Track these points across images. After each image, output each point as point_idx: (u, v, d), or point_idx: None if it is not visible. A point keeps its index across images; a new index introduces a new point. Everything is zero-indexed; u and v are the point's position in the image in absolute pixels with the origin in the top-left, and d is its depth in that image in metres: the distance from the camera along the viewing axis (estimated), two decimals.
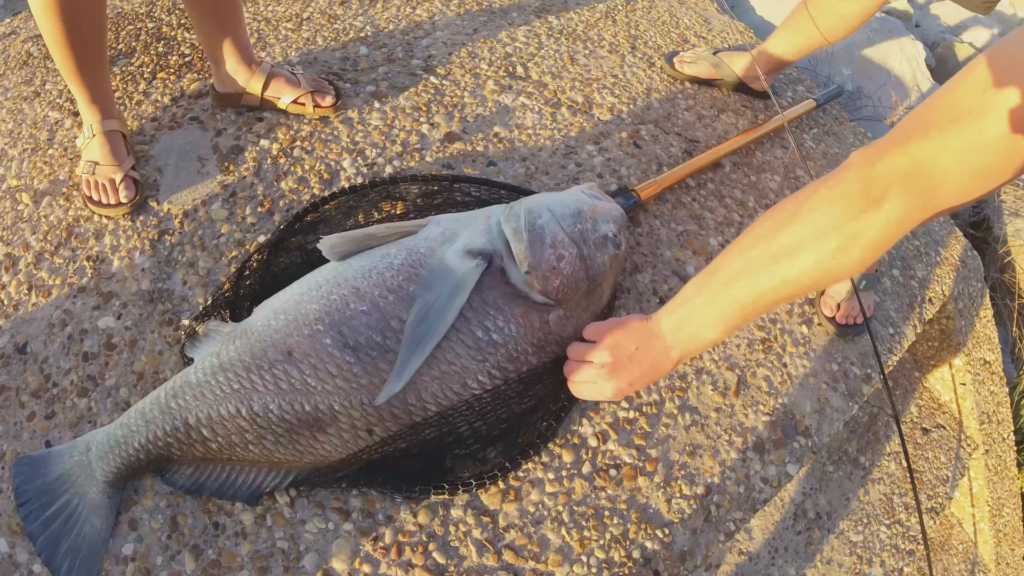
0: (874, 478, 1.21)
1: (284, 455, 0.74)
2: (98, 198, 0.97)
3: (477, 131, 1.11)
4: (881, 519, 1.18)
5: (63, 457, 0.81)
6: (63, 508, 0.80)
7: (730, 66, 1.27)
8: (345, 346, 0.72)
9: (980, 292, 1.38)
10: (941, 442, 1.30)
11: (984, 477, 1.35)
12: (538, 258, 0.77)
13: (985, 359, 1.36)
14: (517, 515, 0.79)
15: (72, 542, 0.78)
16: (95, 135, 0.97)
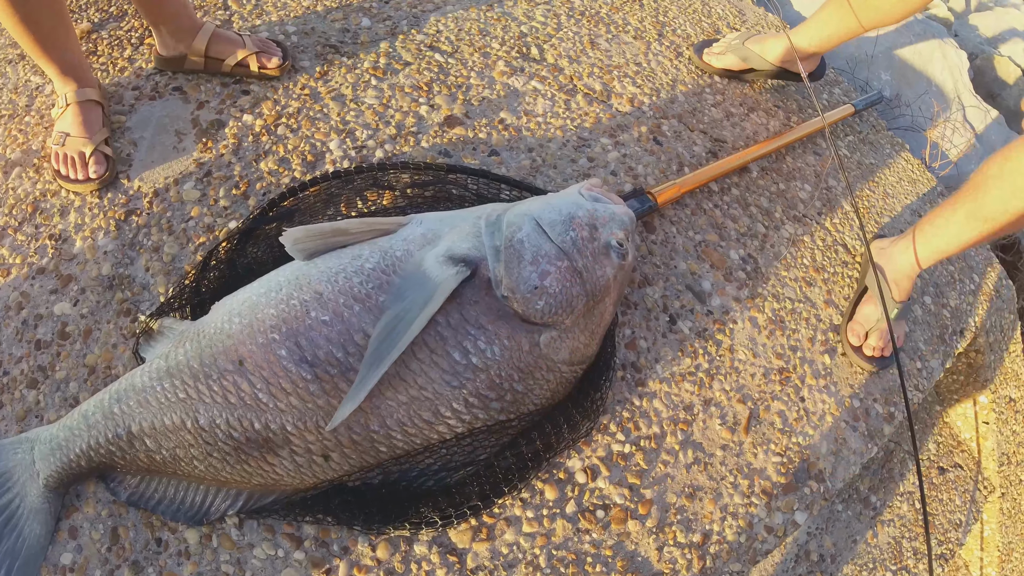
0: (884, 519, 1.06)
1: (232, 475, 0.62)
2: (66, 172, 0.84)
3: (481, 116, 0.95)
4: (888, 564, 1.04)
5: (7, 452, 0.70)
6: (4, 508, 0.68)
7: (761, 54, 1.06)
8: (302, 360, 0.59)
9: (1012, 325, 1.19)
10: (957, 483, 1.14)
11: (997, 521, 1.19)
12: (515, 279, 0.62)
13: (1011, 396, 1.18)
14: (488, 556, 0.66)
15: (11, 545, 0.67)
16: (69, 104, 0.84)
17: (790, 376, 0.87)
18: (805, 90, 1.16)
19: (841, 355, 0.91)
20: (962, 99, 1.35)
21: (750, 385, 0.84)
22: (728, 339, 0.86)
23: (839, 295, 0.97)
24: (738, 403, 0.82)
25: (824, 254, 1.01)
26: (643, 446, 0.75)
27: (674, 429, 0.78)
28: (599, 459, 0.73)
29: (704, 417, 0.80)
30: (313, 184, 0.80)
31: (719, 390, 0.82)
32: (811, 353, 0.90)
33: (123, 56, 1.00)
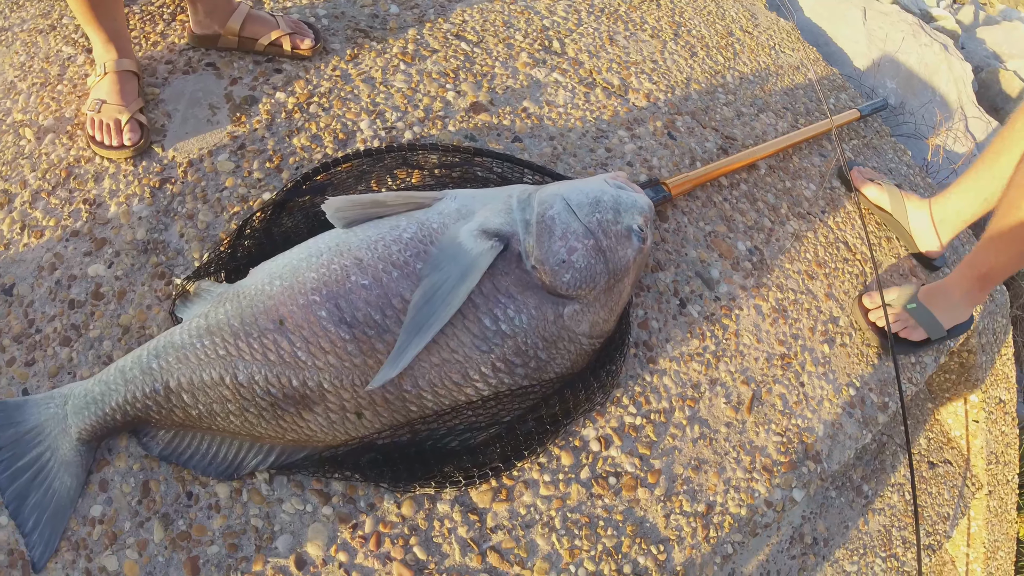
0: (875, 508, 1.12)
1: (266, 430, 0.66)
2: (100, 138, 0.87)
3: (505, 104, 1.00)
4: (877, 551, 1.09)
5: (39, 407, 0.73)
6: (34, 461, 0.72)
7: (907, 210, 1.04)
8: (341, 321, 0.63)
9: (1004, 329, 1.26)
10: (946, 478, 1.21)
11: (984, 518, 1.25)
12: (545, 252, 0.67)
13: (1000, 398, 1.25)
14: (507, 516, 0.71)
15: (40, 497, 0.71)
16: (107, 73, 0.88)
17: (791, 362, 0.92)
18: (814, 93, 1.22)
19: (840, 346, 0.97)
20: (965, 110, 1.42)
21: (753, 368, 0.89)
22: (734, 324, 0.92)
23: (839, 289, 1.03)
24: (742, 384, 0.87)
25: (826, 250, 1.07)
26: (653, 419, 0.80)
27: (682, 405, 0.83)
28: (612, 429, 0.78)
29: (710, 395, 0.85)
30: (345, 160, 0.84)
31: (724, 371, 0.87)
32: (811, 342, 0.96)
33: (155, 31, 1.03)
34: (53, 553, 0.69)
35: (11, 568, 0.69)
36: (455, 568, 0.68)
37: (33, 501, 0.71)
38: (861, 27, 1.49)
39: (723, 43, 1.26)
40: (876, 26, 1.49)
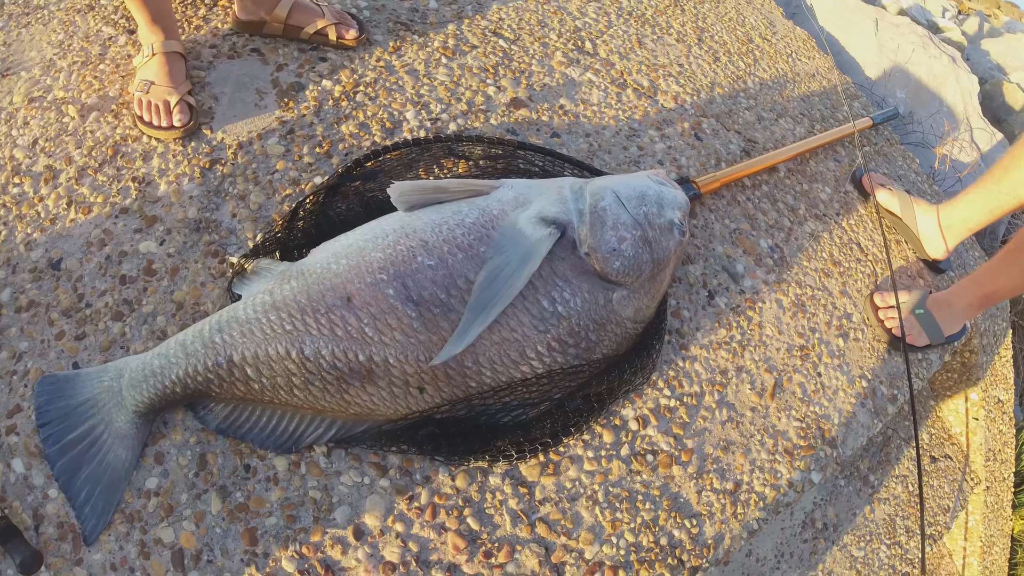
0: (881, 498, 1.20)
1: (329, 404, 0.70)
2: (149, 119, 0.90)
3: (543, 100, 1.06)
4: (882, 538, 1.18)
5: (92, 381, 0.76)
6: (87, 434, 0.75)
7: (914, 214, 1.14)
8: (408, 299, 0.68)
9: (1004, 331, 1.37)
10: (947, 472, 1.30)
11: (981, 513, 1.35)
12: (598, 240, 0.73)
13: (999, 398, 1.35)
14: (554, 489, 0.76)
15: (93, 470, 0.74)
16: (154, 54, 0.91)
17: (809, 353, 1.00)
18: (829, 101, 1.31)
19: (853, 340, 1.05)
20: (971, 121, 1.54)
21: (775, 358, 0.97)
22: (757, 316, 0.99)
23: (852, 287, 1.12)
24: (765, 372, 0.95)
25: (840, 250, 1.15)
26: (685, 402, 0.87)
27: (711, 389, 0.90)
28: (649, 410, 0.84)
29: (736, 382, 0.92)
30: (395, 148, 0.89)
31: (749, 359, 0.95)
32: (827, 335, 1.04)
33: (197, 15, 1.07)
34: (106, 526, 0.72)
35: (61, 541, 0.72)
36: (506, 538, 0.73)
37: (85, 474, 0.74)
38: (873, 37, 1.60)
39: (744, 49, 1.35)
40: (887, 37, 1.60)
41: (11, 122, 0.98)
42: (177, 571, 0.70)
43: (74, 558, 0.71)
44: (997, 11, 3.66)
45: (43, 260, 0.86)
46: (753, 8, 1.47)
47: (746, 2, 1.48)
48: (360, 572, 0.70)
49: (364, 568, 0.70)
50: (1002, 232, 1.55)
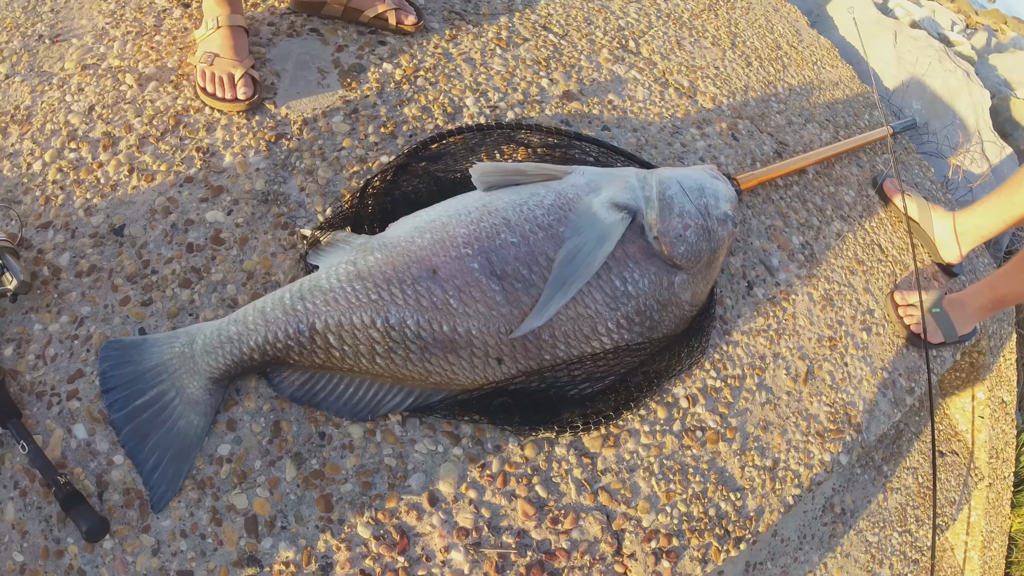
0: (893, 487, 1.32)
1: (410, 372, 0.76)
2: (213, 90, 0.95)
3: (593, 95, 1.14)
4: (895, 525, 1.29)
5: (161, 347, 0.80)
6: (156, 399, 0.79)
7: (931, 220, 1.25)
8: (492, 273, 0.75)
9: (1009, 335, 1.51)
10: (953, 467, 1.43)
11: (983, 509, 1.48)
12: (666, 225, 0.82)
13: (1003, 399, 1.49)
14: (614, 460, 0.84)
15: (162, 436, 0.77)
16: (219, 27, 0.96)
17: (837, 344, 1.10)
18: (852, 108, 1.44)
19: (875, 334, 1.16)
20: (982, 134, 1.69)
21: (807, 346, 1.07)
22: (791, 307, 1.09)
23: (874, 285, 1.23)
24: (799, 360, 1.04)
25: (864, 250, 1.27)
26: (729, 383, 0.96)
27: (752, 373, 0.99)
28: (697, 389, 0.93)
29: (774, 367, 1.01)
30: (459, 132, 0.96)
31: (784, 347, 1.04)
32: (852, 329, 1.14)
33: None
34: (176, 492, 0.76)
35: (127, 508, 0.75)
36: (571, 505, 0.80)
37: (154, 440, 0.78)
38: (892, 49, 1.75)
39: (773, 56, 1.46)
40: (905, 50, 1.75)
41: (64, 87, 1.01)
42: (251, 537, 0.74)
43: (141, 525, 0.74)
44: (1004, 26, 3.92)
45: (104, 225, 0.89)
46: (780, 16, 1.60)
47: (773, 10, 1.61)
48: (435, 537, 0.76)
49: (439, 533, 0.76)
50: (1006, 243, 1.70)
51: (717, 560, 0.85)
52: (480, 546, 0.76)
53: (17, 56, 1.07)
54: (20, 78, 1.04)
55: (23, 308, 0.85)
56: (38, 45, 1.08)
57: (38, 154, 0.95)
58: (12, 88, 1.03)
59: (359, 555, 0.74)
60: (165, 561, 0.73)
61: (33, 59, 1.06)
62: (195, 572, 0.73)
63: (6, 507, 0.75)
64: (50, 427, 0.78)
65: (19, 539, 0.74)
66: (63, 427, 0.79)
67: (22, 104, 1.01)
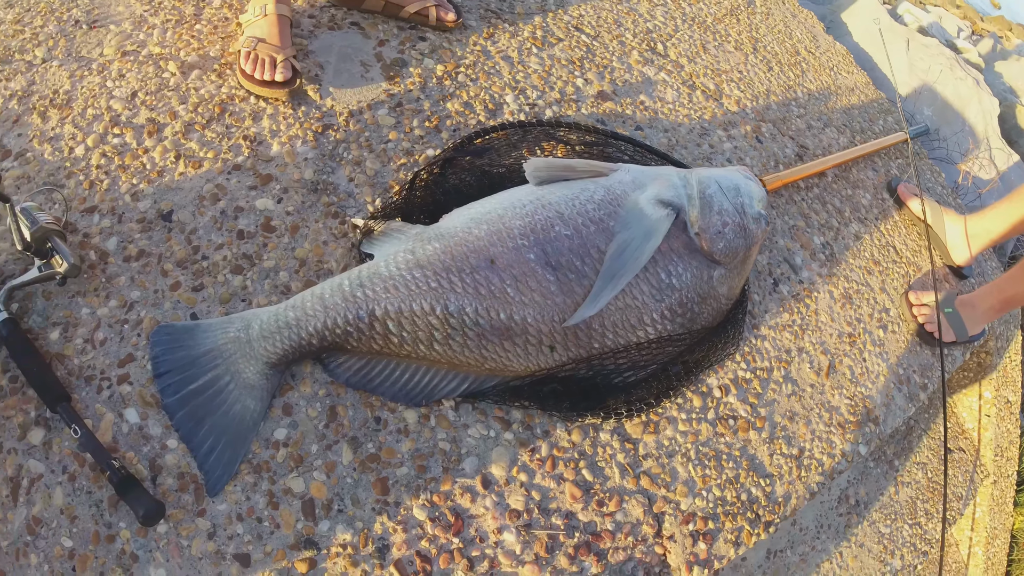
0: (904, 481, 1.42)
1: (467, 359, 0.82)
2: (252, 71, 0.99)
3: (625, 95, 1.22)
4: (905, 518, 1.39)
5: (215, 331, 0.85)
6: (210, 384, 0.83)
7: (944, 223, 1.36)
8: (547, 264, 0.81)
9: (1015, 336, 1.63)
10: (959, 463, 1.54)
11: (987, 505, 1.60)
12: (707, 222, 0.90)
13: (1008, 398, 1.61)
14: (654, 446, 0.91)
15: (217, 420, 0.82)
16: (267, 14, 1.01)
17: (856, 340, 1.20)
18: (867, 114, 1.55)
19: (891, 332, 1.26)
20: (990, 141, 1.82)
21: (829, 342, 1.16)
22: (814, 304, 1.18)
23: (890, 285, 1.33)
24: (821, 354, 1.14)
25: (880, 251, 1.37)
26: (758, 375, 1.04)
27: (778, 366, 1.07)
28: (729, 380, 1.01)
29: (798, 360, 1.10)
30: (502, 128, 1.03)
31: (808, 342, 1.13)
32: (870, 326, 1.24)
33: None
34: (232, 477, 0.81)
35: (181, 492, 0.80)
36: (616, 489, 0.87)
37: (209, 424, 0.82)
38: (904, 57, 1.87)
39: (792, 61, 1.56)
40: (918, 57, 1.88)
41: (104, 73, 1.05)
42: (308, 520, 0.80)
43: (196, 509, 0.79)
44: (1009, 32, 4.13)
45: (152, 211, 0.93)
46: (798, 22, 1.71)
47: (792, 16, 1.71)
48: (488, 519, 0.82)
49: (492, 515, 0.82)
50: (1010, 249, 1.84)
51: (749, 543, 0.92)
52: (531, 527, 0.83)
53: (53, 40, 1.11)
54: (58, 62, 1.08)
55: (69, 292, 0.89)
56: (75, 30, 1.12)
57: (80, 139, 0.99)
58: (50, 72, 1.07)
59: (415, 536, 0.80)
60: (221, 544, 0.78)
61: (70, 44, 1.10)
62: (252, 555, 0.78)
63: (54, 492, 0.79)
64: (100, 411, 0.83)
65: (68, 524, 0.78)
66: (114, 411, 0.83)
67: (61, 88, 1.04)
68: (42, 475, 0.79)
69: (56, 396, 0.81)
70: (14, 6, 1.18)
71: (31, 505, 0.78)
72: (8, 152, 1.00)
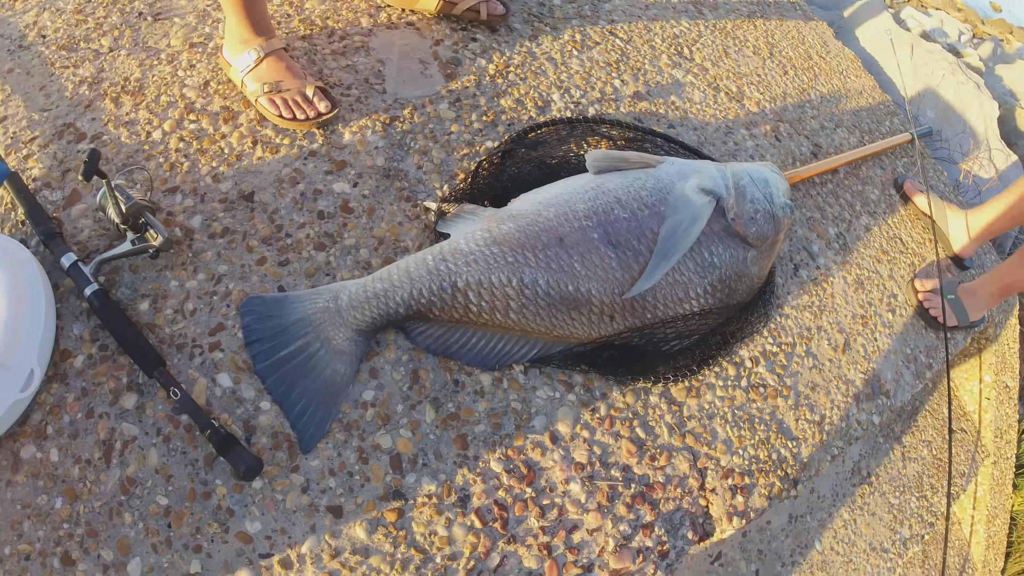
0: (911, 457, 1.62)
1: (538, 326, 0.99)
2: (291, 114, 1.07)
3: (658, 96, 1.41)
4: (913, 491, 1.59)
5: (304, 302, 1.00)
6: (301, 350, 0.98)
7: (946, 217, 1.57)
8: (609, 243, 0.99)
9: (1013, 327, 1.86)
10: (962, 443, 1.75)
11: (988, 484, 1.81)
12: (742, 208, 1.09)
13: (1007, 384, 1.83)
14: (696, 409, 1.09)
15: (309, 384, 0.96)
16: (265, 56, 1.07)
17: (868, 321, 1.40)
18: (875, 115, 1.77)
19: (898, 316, 1.46)
20: (990, 142, 2.07)
21: (844, 322, 1.35)
22: (830, 288, 1.38)
23: (897, 273, 1.54)
24: (837, 333, 1.33)
25: (888, 242, 1.58)
26: (783, 349, 1.23)
27: (801, 341, 1.26)
28: (759, 352, 1.19)
29: (818, 338, 1.29)
30: (552, 124, 1.20)
31: (826, 321, 1.32)
32: (880, 309, 1.44)
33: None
34: (324, 435, 0.95)
35: (275, 450, 0.94)
36: (665, 446, 1.04)
37: (301, 387, 0.96)
38: (909, 61, 2.12)
39: (805, 65, 1.78)
40: (921, 62, 2.13)
41: (175, 63, 1.19)
42: (395, 473, 0.94)
43: (290, 465, 0.93)
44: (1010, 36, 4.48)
45: (233, 192, 1.08)
46: (810, 28, 1.93)
47: (803, 22, 1.94)
48: (556, 471, 0.98)
49: (560, 467, 0.98)
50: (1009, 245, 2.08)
51: (780, 498, 1.10)
52: (593, 479, 0.99)
53: (119, 31, 1.25)
54: (126, 52, 1.22)
55: (156, 266, 1.02)
56: (139, 22, 1.26)
57: (156, 124, 1.13)
58: (119, 61, 1.21)
59: (492, 487, 0.95)
60: (315, 498, 0.92)
61: (136, 35, 1.24)
62: (344, 507, 0.92)
63: (148, 453, 0.92)
64: (193, 376, 0.96)
65: (163, 483, 0.90)
66: (207, 376, 0.96)
67: (132, 76, 1.18)
68: (136, 437, 0.92)
69: (152, 362, 0.94)
70: None
71: (124, 466, 0.91)
72: (83, 135, 1.13)
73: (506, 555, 0.92)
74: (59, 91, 1.18)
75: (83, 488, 0.88)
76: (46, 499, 0.87)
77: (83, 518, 0.87)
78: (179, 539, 0.87)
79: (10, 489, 0.87)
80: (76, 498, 0.88)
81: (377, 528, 0.90)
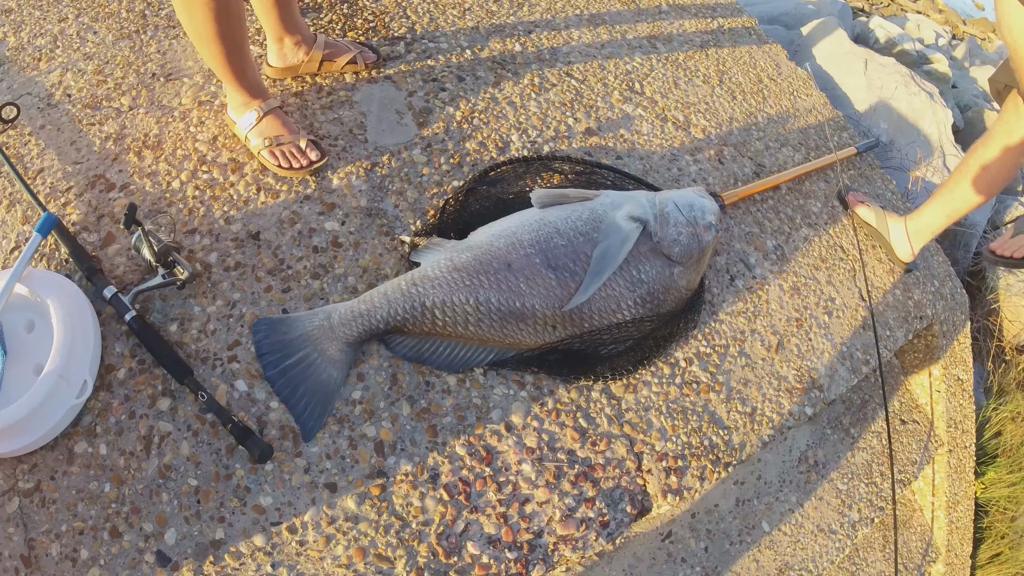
0: (859, 447, 1.91)
1: (492, 336, 1.32)
2: (289, 164, 1.41)
3: (608, 130, 1.74)
4: (861, 478, 1.88)
5: (303, 321, 1.34)
6: (302, 360, 1.32)
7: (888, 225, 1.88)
8: (549, 266, 1.31)
9: (962, 322, 2.15)
10: (915, 433, 2.03)
11: (945, 472, 2.09)
12: (665, 232, 1.41)
13: (959, 377, 2.12)
14: (634, 402, 1.41)
15: (310, 386, 1.30)
16: (264, 116, 1.41)
17: (803, 324, 1.70)
18: (823, 132, 2.08)
19: (836, 317, 1.77)
20: (944, 148, 2.37)
21: (778, 325, 1.66)
22: (765, 295, 1.69)
23: (835, 279, 1.84)
24: (771, 335, 1.64)
25: (827, 251, 1.89)
26: (716, 350, 1.54)
27: (734, 343, 1.57)
28: (693, 354, 1.50)
29: (751, 339, 1.60)
30: (509, 163, 1.53)
31: (760, 325, 1.63)
32: (816, 312, 1.75)
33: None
34: (322, 427, 1.29)
35: (283, 439, 1.28)
36: (604, 433, 1.36)
37: (303, 389, 1.31)
38: (862, 76, 2.43)
39: (755, 89, 2.10)
40: (875, 76, 2.44)
41: (187, 120, 1.54)
42: (379, 456, 1.28)
43: (295, 451, 1.27)
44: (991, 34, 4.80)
45: (243, 232, 1.42)
46: (763, 52, 2.25)
47: (756, 47, 2.26)
48: (511, 454, 1.30)
49: (513, 451, 1.31)
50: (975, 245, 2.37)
51: (711, 479, 1.41)
52: (542, 460, 1.31)
53: (136, 91, 1.60)
54: (144, 110, 1.57)
55: (182, 295, 1.37)
56: (153, 82, 1.62)
57: (175, 175, 1.48)
58: (138, 118, 1.56)
59: (458, 467, 1.28)
60: (315, 477, 1.25)
61: (151, 94, 1.60)
62: (338, 483, 1.25)
63: (181, 445, 1.26)
64: (215, 383, 1.30)
65: (193, 468, 1.25)
66: (227, 383, 1.31)
67: (151, 132, 1.54)
68: (170, 432, 1.26)
69: (182, 372, 1.28)
70: (92, 59, 1.67)
71: (162, 456, 1.25)
72: (112, 185, 1.48)
73: (469, 522, 1.24)
74: (88, 146, 1.53)
75: (127, 475, 1.22)
76: (97, 485, 1.20)
77: (128, 499, 1.20)
78: (207, 512, 1.20)
79: (66, 478, 1.21)
80: (122, 483, 1.21)
81: (365, 500, 1.23)
